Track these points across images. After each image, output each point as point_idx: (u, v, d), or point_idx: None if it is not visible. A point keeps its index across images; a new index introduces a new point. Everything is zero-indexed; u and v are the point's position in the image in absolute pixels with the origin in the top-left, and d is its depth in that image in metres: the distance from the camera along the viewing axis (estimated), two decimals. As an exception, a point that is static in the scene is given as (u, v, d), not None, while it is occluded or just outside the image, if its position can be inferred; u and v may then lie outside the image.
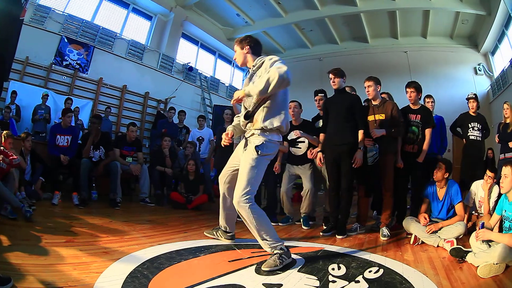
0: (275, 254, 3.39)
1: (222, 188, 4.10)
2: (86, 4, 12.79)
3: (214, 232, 4.38)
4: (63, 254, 3.25)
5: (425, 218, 4.75)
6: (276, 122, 3.66)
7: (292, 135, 5.94)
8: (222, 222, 4.26)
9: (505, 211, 3.98)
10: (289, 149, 6.09)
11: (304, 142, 5.99)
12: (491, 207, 5.07)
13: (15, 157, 5.23)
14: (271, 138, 3.69)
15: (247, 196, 3.49)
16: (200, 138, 9.31)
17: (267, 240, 3.51)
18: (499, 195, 4.51)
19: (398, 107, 5.36)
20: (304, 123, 6.14)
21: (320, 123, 5.87)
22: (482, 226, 3.92)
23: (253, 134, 3.70)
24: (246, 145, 3.74)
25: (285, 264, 3.35)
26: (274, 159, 5.95)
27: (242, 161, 3.69)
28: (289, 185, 6.06)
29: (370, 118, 5.40)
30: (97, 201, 6.90)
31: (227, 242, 4.23)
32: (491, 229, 4.08)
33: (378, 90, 5.40)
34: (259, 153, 3.61)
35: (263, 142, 3.62)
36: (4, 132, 5.58)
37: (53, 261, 3.02)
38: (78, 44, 11.97)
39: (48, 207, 5.88)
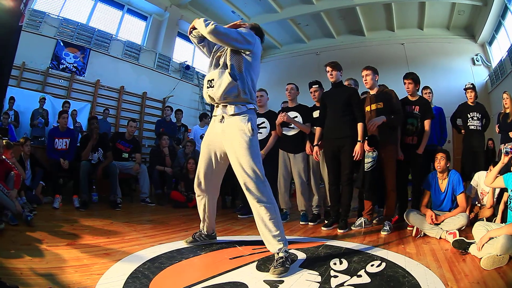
0: (280, 257, 3.10)
1: (201, 189, 3.79)
2: (81, 7, 12.75)
3: (197, 238, 4.02)
4: (65, 257, 3.26)
5: (431, 218, 4.71)
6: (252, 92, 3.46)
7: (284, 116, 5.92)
8: (205, 227, 4.01)
9: (510, 190, 3.97)
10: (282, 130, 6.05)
11: (297, 121, 5.95)
12: (494, 200, 5.08)
13: (16, 171, 5.22)
14: (252, 116, 3.44)
15: (268, 192, 3.24)
16: (202, 135, 9.31)
17: (275, 240, 3.20)
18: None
19: (397, 95, 5.33)
20: (299, 106, 6.11)
21: (315, 114, 5.88)
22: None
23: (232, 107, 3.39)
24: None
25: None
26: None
27: (236, 147, 3.30)
28: (285, 173, 6.02)
29: (367, 108, 5.37)
30: (97, 203, 6.90)
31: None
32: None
33: (376, 79, 5.37)
34: (254, 131, 3.33)
35: (251, 119, 3.37)
36: (4, 141, 5.57)
37: (54, 264, 3.02)
38: (74, 47, 11.94)
39: (49, 211, 5.90)
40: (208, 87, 3.47)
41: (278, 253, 3.16)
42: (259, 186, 3.20)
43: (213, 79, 3.42)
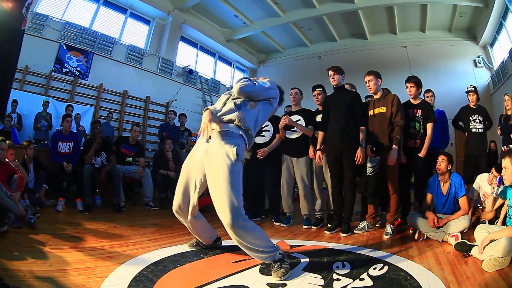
0: (276, 261, 3.10)
1: (180, 214, 3.63)
2: (84, 11, 12.79)
3: (200, 243, 4.01)
4: (68, 259, 3.27)
5: (433, 221, 4.71)
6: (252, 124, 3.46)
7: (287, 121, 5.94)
8: (200, 240, 3.96)
9: (509, 199, 3.98)
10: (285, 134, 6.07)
11: (299, 124, 5.97)
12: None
13: (20, 174, 5.22)
14: (241, 143, 3.37)
15: (242, 217, 3.06)
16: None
17: (265, 252, 3.14)
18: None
19: (399, 99, 5.29)
20: (302, 109, 6.14)
21: (318, 118, 5.89)
22: (499, 181, 4.16)
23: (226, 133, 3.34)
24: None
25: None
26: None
27: (215, 168, 3.19)
28: (289, 178, 6.03)
29: (370, 112, 5.39)
30: (101, 207, 6.90)
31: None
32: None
33: (379, 84, 5.36)
34: (239, 156, 3.21)
35: (239, 145, 3.28)
36: (7, 142, 5.59)
37: (58, 267, 3.04)
38: (77, 51, 11.96)
39: (53, 214, 5.90)
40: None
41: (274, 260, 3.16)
42: (233, 213, 3.00)
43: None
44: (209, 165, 3.28)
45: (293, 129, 5.96)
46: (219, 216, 3.08)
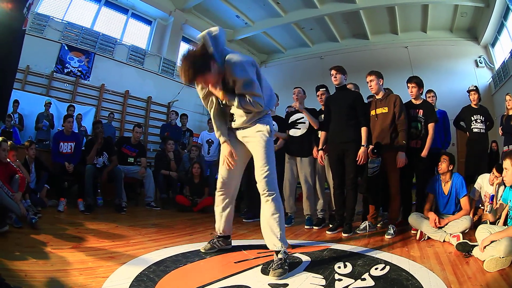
0: (279, 259, 3.18)
1: (225, 187, 3.83)
2: (85, 11, 12.78)
3: (215, 244, 3.94)
4: (69, 259, 3.27)
5: (435, 221, 4.71)
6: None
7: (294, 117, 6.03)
8: (221, 228, 3.94)
9: (510, 201, 3.98)
10: (288, 135, 6.13)
11: (304, 123, 6.00)
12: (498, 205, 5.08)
13: (21, 174, 5.22)
14: (269, 120, 3.67)
15: (277, 189, 3.47)
16: (210, 140, 9.37)
17: (277, 236, 3.33)
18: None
19: (401, 99, 5.29)
20: (305, 109, 6.10)
21: (321, 118, 5.88)
22: (492, 199, 4.14)
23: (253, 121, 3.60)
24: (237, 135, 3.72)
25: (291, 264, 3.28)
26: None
27: (254, 147, 3.56)
28: (291, 178, 6.05)
29: (372, 112, 5.38)
30: (102, 207, 6.92)
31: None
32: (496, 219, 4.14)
33: (381, 84, 5.36)
34: (272, 132, 3.58)
35: (269, 123, 3.61)
36: (8, 143, 5.58)
37: (59, 267, 3.03)
38: (79, 51, 11.95)
39: (54, 214, 5.91)
40: (230, 121, 3.71)
41: (277, 254, 3.25)
42: (270, 179, 3.40)
43: (233, 114, 3.65)
44: (249, 144, 3.65)
45: (297, 127, 5.98)
46: (257, 180, 3.45)
